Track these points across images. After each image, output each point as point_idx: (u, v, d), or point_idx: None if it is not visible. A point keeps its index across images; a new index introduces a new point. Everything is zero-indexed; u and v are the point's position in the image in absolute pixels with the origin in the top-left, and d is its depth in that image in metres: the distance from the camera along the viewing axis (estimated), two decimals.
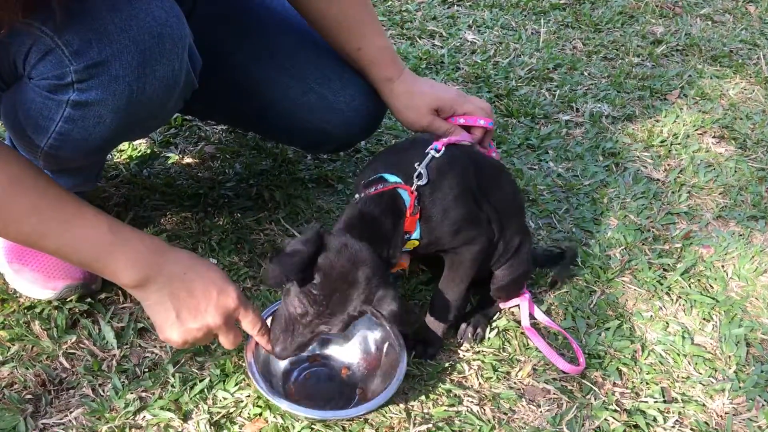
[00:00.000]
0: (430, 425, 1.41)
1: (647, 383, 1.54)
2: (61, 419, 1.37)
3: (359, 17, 1.62)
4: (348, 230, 1.34)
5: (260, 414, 1.39)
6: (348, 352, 1.52)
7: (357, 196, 1.40)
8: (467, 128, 1.64)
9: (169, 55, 1.31)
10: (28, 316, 1.54)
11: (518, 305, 1.62)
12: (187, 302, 1.26)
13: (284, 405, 1.33)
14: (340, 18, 1.61)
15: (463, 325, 1.59)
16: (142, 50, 1.27)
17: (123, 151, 2.04)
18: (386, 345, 1.47)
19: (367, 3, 1.65)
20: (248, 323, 1.33)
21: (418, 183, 1.38)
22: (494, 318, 1.64)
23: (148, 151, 2.06)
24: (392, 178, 1.40)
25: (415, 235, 1.39)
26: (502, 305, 1.64)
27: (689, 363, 1.59)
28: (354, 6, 1.61)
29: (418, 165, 1.40)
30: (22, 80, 1.34)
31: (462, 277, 1.49)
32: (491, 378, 1.51)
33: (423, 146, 1.46)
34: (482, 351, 1.57)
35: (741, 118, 2.48)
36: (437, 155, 1.43)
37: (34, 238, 1.21)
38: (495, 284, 1.58)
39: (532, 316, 1.61)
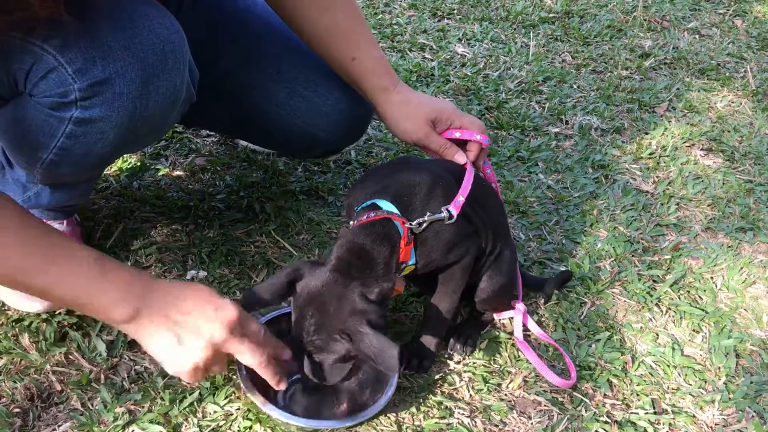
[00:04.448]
0: None
1: (637, 395, 1.54)
2: None
3: (352, 27, 1.61)
4: (339, 261, 1.34)
5: (250, 427, 1.39)
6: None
7: (351, 222, 1.40)
8: (462, 144, 1.61)
9: (171, 72, 1.32)
10: (17, 329, 1.53)
11: (512, 317, 1.62)
12: (184, 324, 1.19)
13: (275, 413, 1.32)
14: (332, 28, 1.59)
15: (454, 337, 1.59)
16: (145, 67, 1.28)
17: (114, 163, 2.03)
18: None
19: (359, 13, 1.63)
20: (247, 350, 1.24)
21: (414, 226, 1.38)
22: (485, 330, 1.64)
23: (138, 163, 2.06)
24: (386, 206, 1.38)
25: (411, 261, 1.39)
26: (496, 316, 1.64)
27: (679, 374, 1.60)
28: (346, 16, 1.60)
29: (427, 213, 1.39)
30: (21, 96, 1.34)
31: (454, 288, 1.49)
32: (482, 390, 1.51)
33: (414, 168, 1.47)
34: (473, 363, 1.57)
35: (729, 131, 2.50)
36: (446, 216, 1.40)
37: (18, 275, 1.14)
38: (479, 297, 1.58)
39: (525, 328, 1.61)
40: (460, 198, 1.43)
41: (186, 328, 1.19)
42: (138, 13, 1.29)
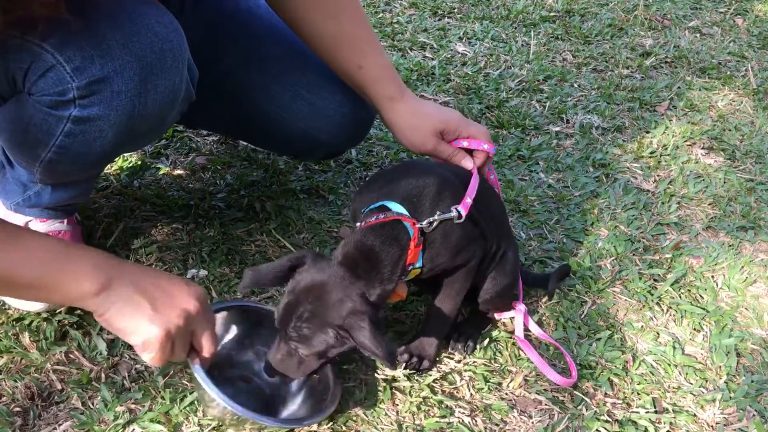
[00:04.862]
0: None
1: (638, 394, 1.54)
2: None
3: (358, 34, 1.59)
4: (346, 259, 1.34)
5: None
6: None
7: (357, 225, 1.39)
8: (469, 152, 1.61)
9: (170, 70, 1.32)
10: (17, 328, 1.53)
11: (512, 317, 1.62)
12: (158, 294, 1.20)
13: (249, 415, 1.29)
14: (338, 35, 1.58)
15: (455, 336, 1.59)
16: (143, 66, 1.28)
17: (114, 162, 2.03)
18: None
19: (366, 20, 1.62)
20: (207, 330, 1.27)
21: (424, 225, 1.38)
22: (485, 329, 1.64)
23: (139, 162, 2.06)
24: (396, 208, 1.38)
25: (418, 264, 1.39)
26: (497, 316, 1.64)
27: (680, 373, 1.60)
28: (353, 23, 1.59)
29: (437, 213, 1.39)
30: (20, 95, 1.33)
31: (458, 290, 1.49)
32: (483, 389, 1.51)
33: (421, 172, 1.46)
34: (473, 362, 1.56)
35: (730, 130, 2.50)
36: (456, 215, 1.40)
37: None
38: (482, 297, 1.58)
39: (526, 328, 1.61)
40: (468, 200, 1.44)
41: (160, 298, 1.20)
42: (137, 12, 1.29)
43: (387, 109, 1.61)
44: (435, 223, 1.39)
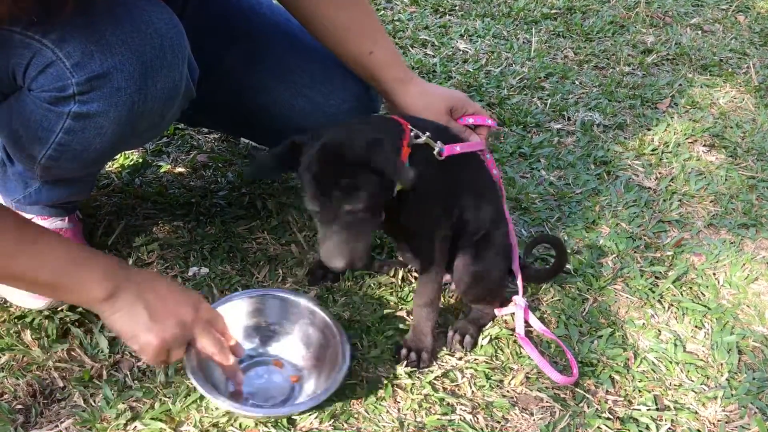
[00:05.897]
0: None
1: (640, 391, 1.54)
2: (51, 429, 1.36)
3: (368, 22, 1.64)
4: (352, 121, 1.45)
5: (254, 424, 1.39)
6: (290, 349, 1.53)
7: None
8: (473, 128, 1.68)
9: (170, 67, 1.32)
10: (19, 326, 1.53)
11: (513, 313, 1.62)
12: (157, 304, 1.28)
13: (226, 405, 1.33)
14: (349, 25, 1.61)
15: (450, 332, 1.59)
16: (143, 62, 1.28)
17: (115, 159, 2.03)
18: (325, 337, 1.49)
19: (371, 8, 1.67)
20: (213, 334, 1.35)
21: (413, 134, 1.40)
22: (486, 326, 1.64)
23: (140, 160, 2.06)
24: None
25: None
26: (497, 312, 1.64)
27: (681, 370, 1.60)
28: (361, 11, 1.63)
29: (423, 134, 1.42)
30: (20, 91, 1.34)
31: (436, 271, 1.51)
32: (484, 386, 1.51)
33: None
34: (474, 359, 1.56)
35: (731, 127, 2.49)
36: (436, 152, 1.44)
37: (1, 260, 1.19)
38: (459, 286, 1.59)
39: (527, 323, 1.61)
40: (457, 148, 1.48)
41: (158, 308, 1.28)
42: (137, 8, 1.29)
43: (398, 91, 1.65)
44: (422, 138, 1.41)
